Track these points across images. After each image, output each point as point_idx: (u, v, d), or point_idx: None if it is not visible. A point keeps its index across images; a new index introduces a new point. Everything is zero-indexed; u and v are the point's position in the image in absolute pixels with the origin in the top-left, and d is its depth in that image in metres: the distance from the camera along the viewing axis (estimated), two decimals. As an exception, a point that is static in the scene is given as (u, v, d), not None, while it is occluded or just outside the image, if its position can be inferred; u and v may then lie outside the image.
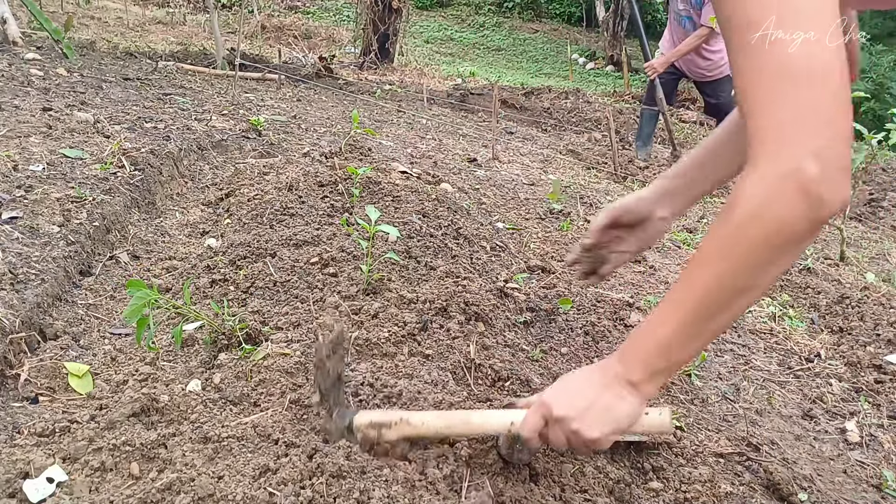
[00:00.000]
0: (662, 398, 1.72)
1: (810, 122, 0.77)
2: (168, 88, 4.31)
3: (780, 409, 1.87)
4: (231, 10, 11.59)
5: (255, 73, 5.74)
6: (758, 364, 2.11)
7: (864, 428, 1.83)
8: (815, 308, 2.65)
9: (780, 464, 1.52)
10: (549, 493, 1.12)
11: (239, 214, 2.32)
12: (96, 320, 1.67)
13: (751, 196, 0.80)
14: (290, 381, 1.32)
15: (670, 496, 1.27)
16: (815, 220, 0.79)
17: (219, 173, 3.00)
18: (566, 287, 2.21)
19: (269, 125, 3.81)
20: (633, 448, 1.36)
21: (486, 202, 3.15)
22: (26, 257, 1.68)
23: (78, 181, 2.21)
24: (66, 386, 1.36)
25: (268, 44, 9.02)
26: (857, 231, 4.25)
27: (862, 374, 2.10)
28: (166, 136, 2.98)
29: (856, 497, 1.52)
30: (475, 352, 1.58)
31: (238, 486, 1.01)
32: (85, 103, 3.27)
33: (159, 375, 1.41)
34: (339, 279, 1.79)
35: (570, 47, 13.52)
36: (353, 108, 5.22)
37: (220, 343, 1.50)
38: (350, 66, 8.56)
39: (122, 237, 2.15)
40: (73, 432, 1.15)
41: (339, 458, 1.07)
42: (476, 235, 2.43)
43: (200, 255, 2.04)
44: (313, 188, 2.45)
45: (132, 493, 1.02)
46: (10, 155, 2.24)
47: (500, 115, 4.99)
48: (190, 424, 1.20)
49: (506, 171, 4.04)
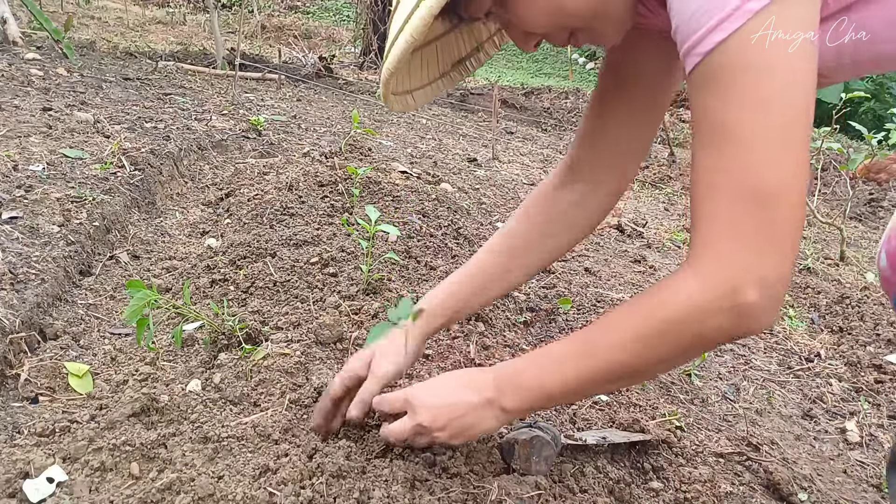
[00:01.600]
0: (662, 398, 1.72)
1: (760, 245, 0.77)
2: (168, 88, 4.31)
3: (780, 409, 1.87)
4: (231, 10, 11.58)
5: (255, 73, 5.73)
6: (758, 364, 2.12)
7: (864, 428, 1.83)
8: (815, 308, 2.65)
9: (780, 464, 1.52)
10: (550, 493, 1.12)
11: (239, 214, 2.32)
12: (96, 320, 1.67)
13: (685, 302, 0.82)
14: (290, 381, 1.32)
15: (670, 496, 1.27)
16: (735, 337, 0.83)
17: (219, 173, 3.00)
18: (566, 287, 2.21)
19: (269, 125, 3.81)
20: (634, 448, 1.36)
21: (486, 202, 3.15)
22: (26, 257, 1.68)
23: (78, 181, 2.21)
24: (66, 386, 1.36)
25: (268, 44, 9.01)
26: (857, 231, 4.25)
27: (862, 374, 2.10)
28: (166, 136, 2.98)
29: (856, 497, 1.52)
30: (475, 352, 1.58)
31: (238, 486, 1.01)
32: (85, 103, 3.27)
33: (159, 375, 1.41)
34: (339, 279, 1.79)
35: (570, 47, 13.51)
36: (353, 107, 5.22)
37: (220, 343, 1.50)
38: (350, 66, 8.56)
39: (122, 237, 2.15)
40: (73, 432, 1.15)
41: (339, 458, 1.07)
42: (476, 235, 2.43)
43: (200, 255, 2.04)
44: (313, 188, 2.45)
45: (132, 493, 1.01)
46: (10, 155, 2.24)
47: (500, 115, 5.00)
48: (190, 424, 1.20)
49: (506, 171, 4.04)
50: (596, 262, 2.63)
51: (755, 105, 0.74)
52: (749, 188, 0.76)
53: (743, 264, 0.78)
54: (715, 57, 0.74)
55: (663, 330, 0.85)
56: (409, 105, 1.06)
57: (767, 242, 0.77)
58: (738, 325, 0.80)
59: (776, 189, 0.76)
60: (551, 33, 0.92)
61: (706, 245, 0.80)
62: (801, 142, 0.76)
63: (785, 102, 0.74)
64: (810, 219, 4.18)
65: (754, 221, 0.76)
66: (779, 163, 0.75)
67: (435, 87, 1.11)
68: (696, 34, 0.74)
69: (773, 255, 0.77)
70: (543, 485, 1.12)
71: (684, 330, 0.83)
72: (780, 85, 0.74)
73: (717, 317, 0.80)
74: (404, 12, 0.84)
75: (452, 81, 1.13)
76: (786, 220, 0.77)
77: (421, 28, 0.82)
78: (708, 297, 0.80)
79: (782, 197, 0.76)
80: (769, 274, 0.77)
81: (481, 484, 1.11)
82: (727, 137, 0.76)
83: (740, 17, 0.71)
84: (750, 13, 0.71)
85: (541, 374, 0.97)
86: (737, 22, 0.71)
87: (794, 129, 0.75)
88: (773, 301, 0.79)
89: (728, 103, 0.75)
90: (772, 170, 0.75)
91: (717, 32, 0.73)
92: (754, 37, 0.72)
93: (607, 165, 1.17)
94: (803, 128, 0.76)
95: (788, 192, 0.76)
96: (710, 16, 0.72)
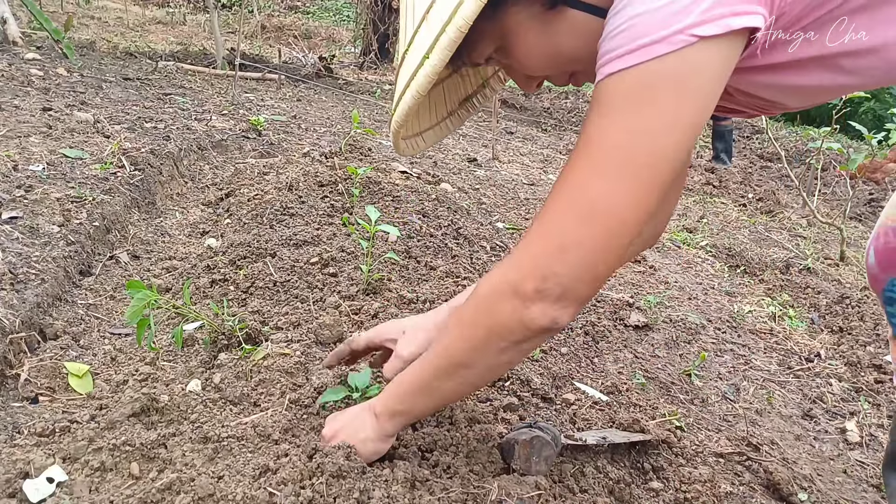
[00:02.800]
0: (662, 398, 1.72)
1: (563, 253, 0.82)
2: (168, 88, 4.31)
3: (780, 409, 1.87)
4: (231, 10, 11.58)
5: (255, 73, 5.73)
6: (758, 364, 2.12)
7: (864, 428, 1.83)
8: (815, 308, 2.65)
9: (780, 464, 1.52)
10: (550, 493, 1.12)
11: (239, 214, 2.32)
12: (96, 320, 1.67)
13: (484, 286, 0.91)
14: (290, 381, 1.32)
15: (670, 496, 1.27)
16: (524, 327, 0.87)
17: (219, 173, 3.00)
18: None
19: (269, 125, 3.81)
20: (633, 448, 1.36)
21: (486, 202, 3.15)
22: (26, 257, 1.68)
23: (78, 181, 2.21)
24: (66, 386, 1.36)
25: (268, 44, 9.01)
26: (857, 231, 4.25)
27: (862, 374, 2.10)
28: (166, 136, 2.98)
29: (856, 497, 1.52)
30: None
31: (238, 486, 1.01)
32: (85, 103, 3.27)
33: (159, 375, 1.41)
34: (339, 279, 1.79)
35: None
36: (353, 108, 5.22)
37: (220, 343, 1.50)
38: (350, 66, 8.56)
39: (122, 237, 2.15)
40: (73, 432, 1.15)
41: (339, 458, 1.07)
42: (476, 235, 2.43)
43: (200, 255, 2.04)
44: (313, 188, 2.45)
45: (132, 493, 1.01)
46: (10, 155, 2.24)
47: (500, 115, 4.99)
48: (190, 424, 1.20)
49: (506, 171, 4.04)
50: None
51: (623, 136, 0.77)
52: (577, 205, 0.81)
53: (538, 259, 0.84)
54: (613, 81, 0.76)
55: (469, 312, 0.92)
56: (418, 147, 1.10)
57: (568, 254, 0.81)
58: (518, 311, 0.85)
59: (604, 214, 0.79)
60: (552, 75, 0.94)
61: (523, 239, 0.88)
62: (647, 185, 0.78)
63: (653, 144, 0.76)
64: (810, 219, 4.18)
65: (568, 233, 0.81)
66: (620, 192, 0.78)
67: (444, 126, 1.14)
68: (609, 54, 0.76)
69: (568, 266, 0.82)
70: (543, 485, 1.12)
71: (484, 310, 0.90)
72: (658, 128, 0.76)
73: (503, 298, 0.86)
74: (410, 68, 0.87)
75: (460, 119, 1.16)
76: (596, 245, 0.81)
77: (426, 85, 0.85)
78: (501, 278, 0.88)
79: (602, 225, 0.80)
80: (556, 277, 0.82)
81: (481, 484, 1.11)
82: (585, 152, 0.80)
83: (646, 54, 0.73)
84: (654, 54, 0.73)
85: (401, 377, 1.05)
86: (641, 57, 0.73)
87: (649, 171, 0.77)
88: (553, 301, 0.83)
89: (602, 123, 0.78)
90: (604, 198, 0.79)
91: (622, 60, 0.75)
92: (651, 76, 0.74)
93: None
94: (659, 174, 0.78)
95: (615, 222, 0.79)
96: (625, 42, 0.74)
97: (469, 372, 0.95)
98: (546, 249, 0.83)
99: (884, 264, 1.13)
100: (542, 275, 0.83)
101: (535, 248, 0.85)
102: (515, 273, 0.86)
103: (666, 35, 0.72)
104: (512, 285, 0.85)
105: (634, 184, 0.78)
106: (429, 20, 0.83)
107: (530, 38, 0.87)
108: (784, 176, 5.31)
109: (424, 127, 1.10)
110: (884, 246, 1.10)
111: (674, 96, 0.75)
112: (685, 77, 0.74)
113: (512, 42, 0.88)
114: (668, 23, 0.72)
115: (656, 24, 0.72)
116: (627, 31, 0.74)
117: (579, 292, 0.85)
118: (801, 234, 3.93)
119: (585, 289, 0.85)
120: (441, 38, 0.81)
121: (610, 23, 0.77)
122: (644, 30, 0.73)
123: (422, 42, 0.84)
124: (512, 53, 0.90)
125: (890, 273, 1.10)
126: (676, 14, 0.72)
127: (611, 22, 0.77)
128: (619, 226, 0.80)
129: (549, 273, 0.82)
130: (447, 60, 0.82)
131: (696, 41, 0.72)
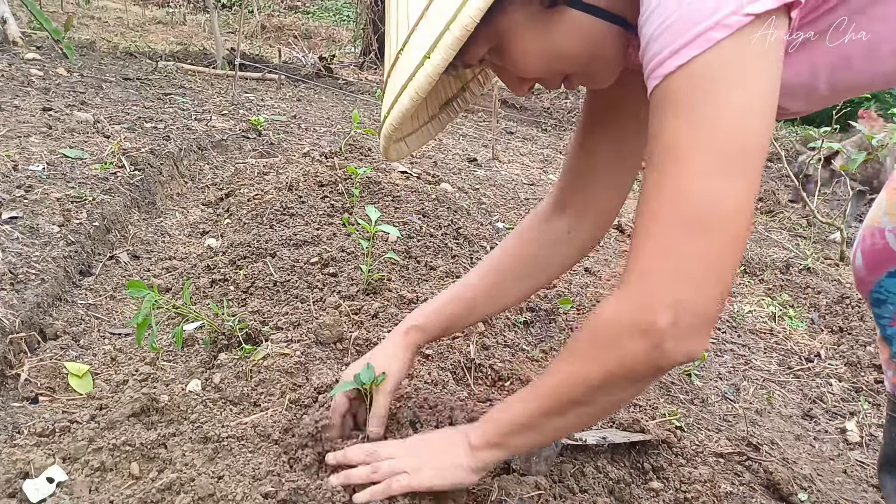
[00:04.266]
0: (662, 398, 1.72)
1: (684, 273, 0.76)
2: (168, 88, 4.31)
3: (780, 409, 1.87)
4: (231, 10, 11.58)
5: (255, 73, 5.73)
6: (758, 364, 2.12)
7: (864, 428, 1.83)
8: (815, 308, 2.65)
9: (780, 464, 1.52)
10: (550, 493, 1.12)
11: (239, 214, 2.32)
12: (96, 320, 1.67)
13: (604, 318, 0.84)
14: (290, 381, 1.32)
15: (670, 496, 1.27)
16: (655, 367, 0.80)
17: (219, 173, 3.00)
18: (566, 287, 2.21)
19: (269, 125, 3.81)
20: (634, 448, 1.36)
21: (486, 202, 3.15)
22: (26, 257, 1.68)
23: (78, 181, 2.21)
24: (66, 386, 1.36)
25: (268, 44, 9.01)
26: (857, 231, 4.25)
27: (862, 374, 2.10)
28: (166, 136, 2.98)
29: (856, 497, 1.52)
30: (475, 351, 1.58)
31: (238, 486, 1.01)
32: (85, 103, 3.27)
33: (159, 375, 1.41)
34: (339, 279, 1.79)
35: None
36: (353, 108, 5.22)
37: (220, 343, 1.50)
38: (350, 66, 8.56)
39: (122, 237, 2.15)
40: (73, 432, 1.15)
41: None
42: (476, 235, 2.43)
43: (200, 255, 2.04)
44: (313, 188, 2.45)
45: (132, 493, 1.01)
46: (10, 155, 2.24)
47: (500, 115, 4.99)
48: (190, 424, 1.20)
49: (506, 171, 4.04)
50: (596, 262, 2.63)
51: (705, 130, 0.73)
52: (685, 215, 0.75)
53: (662, 288, 0.77)
54: (674, 80, 0.73)
55: (588, 351, 0.86)
56: (403, 151, 1.07)
57: (692, 272, 0.76)
58: (651, 352, 0.78)
59: (712, 219, 0.74)
60: (545, 78, 0.92)
61: (635, 266, 0.80)
62: (748, 172, 0.74)
63: (737, 129, 0.73)
64: (810, 219, 4.18)
65: (684, 249, 0.75)
66: (720, 193, 0.74)
67: (426, 130, 1.11)
68: (658, 56, 0.74)
69: (696, 287, 0.76)
70: (543, 485, 1.12)
71: (605, 348, 0.83)
72: (736, 112, 0.72)
73: (632, 338, 0.79)
74: (406, 69, 0.84)
75: (442, 124, 1.13)
76: (718, 252, 0.75)
77: (426, 86, 0.82)
78: (624, 315, 0.80)
79: (718, 228, 0.75)
80: (687, 303, 0.76)
81: (481, 484, 1.11)
82: (671, 159, 0.75)
83: (703, 44, 0.71)
84: (711, 41, 0.70)
85: (503, 408, 1.00)
86: (698, 48, 0.71)
87: (743, 158, 0.73)
88: (688, 331, 0.77)
89: (678, 125, 0.74)
90: (711, 199, 0.74)
91: (678, 56, 0.72)
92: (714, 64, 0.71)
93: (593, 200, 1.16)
94: (753, 157, 0.74)
95: (726, 223, 0.75)
96: (673, 39, 0.72)
97: (585, 409, 0.90)
98: (665, 275, 0.77)
99: (871, 266, 1.13)
100: (667, 305, 0.76)
101: (651, 276, 0.78)
102: (636, 308, 0.79)
103: (719, 19, 0.70)
104: (636, 323, 0.78)
105: (733, 174, 0.74)
106: (428, 18, 0.82)
107: (527, 38, 0.85)
108: (784, 176, 5.31)
109: (407, 131, 1.08)
110: (870, 248, 1.11)
111: (741, 78, 0.72)
112: (748, 57, 0.71)
113: (508, 42, 0.86)
114: (719, 6, 0.70)
115: (707, 11, 0.70)
116: (675, 24, 0.71)
117: (711, 312, 0.77)
118: (801, 234, 3.93)
119: (717, 306, 0.78)
120: (445, 36, 0.79)
121: (648, 24, 0.74)
122: (695, 18, 0.70)
123: (420, 42, 0.82)
124: (508, 54, 0.88)
125: (877, 274, 1.11)
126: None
127: (650, 23, 0.74)
128: (735, 222, 0.75)
129: (674, 301, 0.76)
130: (450, 60, 0.80)
131: (752, 20, 0.70)
